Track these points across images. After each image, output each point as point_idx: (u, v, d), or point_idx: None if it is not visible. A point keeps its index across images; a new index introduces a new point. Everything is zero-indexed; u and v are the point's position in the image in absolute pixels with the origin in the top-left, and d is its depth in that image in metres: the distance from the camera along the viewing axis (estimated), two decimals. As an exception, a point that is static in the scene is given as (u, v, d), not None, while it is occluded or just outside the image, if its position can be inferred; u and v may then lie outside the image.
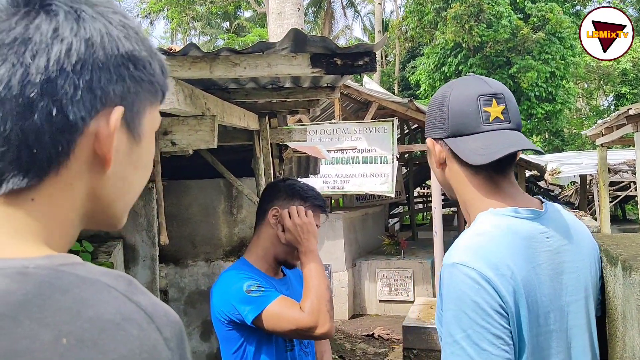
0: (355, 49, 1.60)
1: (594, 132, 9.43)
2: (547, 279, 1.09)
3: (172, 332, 0.53)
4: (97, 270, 0.53)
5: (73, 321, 0.46)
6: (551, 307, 1.09)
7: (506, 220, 1.10)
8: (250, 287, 1.66)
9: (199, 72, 1.59)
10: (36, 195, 0.55)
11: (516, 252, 1.06)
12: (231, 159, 4.32)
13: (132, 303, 0.51)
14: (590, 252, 1.19)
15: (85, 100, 0.55)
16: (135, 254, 3.13)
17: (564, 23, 16.22)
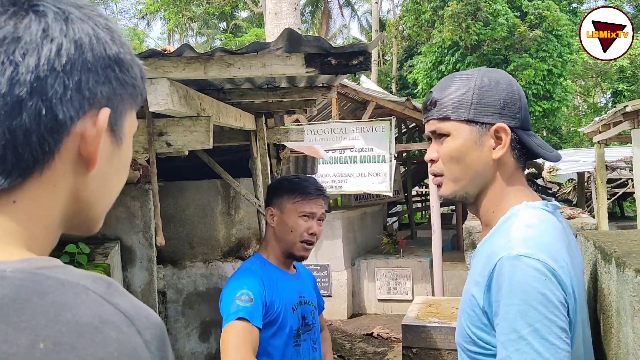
0: (349, 48, 1.60)
1: (591, 129, 9.44)
2: (582, 276, 1.11)
3: (153, 334, 0.52)
4: (77, 273, 0.52)
5: (51, 325, 0.46)
6: (583, 305, 1.08)
7: (544, 214, 1.09)
8: (241, 292, 1.76)
9: (194, 73, 1.59)
10: (18, 197, 0.54)
11: (563, 244, 1.05)
12: (228, 160, 4.33)
13: (110, 305, 0.50)
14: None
15: (74, 100, 0.55)
16: (133, 255, 3.13)
17: (561, 21, 16.23)
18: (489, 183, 1.15)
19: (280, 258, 1.99)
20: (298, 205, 1.94)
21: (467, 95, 1.14)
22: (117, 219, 3.03)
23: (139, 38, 28.65)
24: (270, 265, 1.95)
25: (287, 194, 1.96)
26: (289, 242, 1.95)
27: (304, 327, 1.96)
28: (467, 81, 1.16)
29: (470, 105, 1.13)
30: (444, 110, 1.15)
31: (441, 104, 1.16)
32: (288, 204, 1.95)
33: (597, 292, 1.26)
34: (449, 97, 1.15)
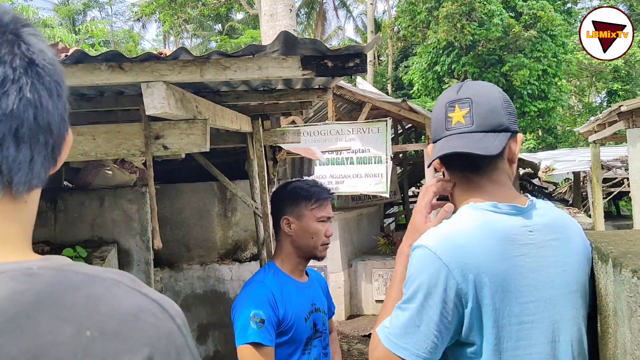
0: (345, 50, 1.60)
1: (586, 129, 9.48)
2: (528, 271, 1.14)
3: (182, 320, 0.56)
4: (100, 269, 0.56)
5: (92, 315, 0.49)
6: (532, 299, 1.14)
7: (484, 214, 1.17)
8: (254, 315, 1.80)
9: (190, 76, 1.59)
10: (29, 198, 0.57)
11: (488, 245, 1.13)
12: (225, 162, 4.32)
13: (143, 295, 0.54)
14: (580, 249, 1.23)
15: None
16: (130, 258, 3.12)
17: (555, 21, 16.28)
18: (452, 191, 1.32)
19: (295, 265, 2.02)
20: (316, 212, 1.97)
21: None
22: (114, 222, 3.02)
23: (134, 40, 28.58)
24: (283, 275, 1.98)
25: (303, 201, 1.98)
26: (310, 247, 1.99)
27: (315, 334, 2.00)
28: None
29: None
30: None
31: None
32: (305, 211, 1.98)
33: (594, 293, 1.26)
34: None
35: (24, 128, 0.53)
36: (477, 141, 1.18)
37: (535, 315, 1.14)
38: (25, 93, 0.53)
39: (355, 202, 10.34)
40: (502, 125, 1.21)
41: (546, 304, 1.15)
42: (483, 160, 1.21)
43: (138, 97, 1.68)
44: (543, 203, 1.26)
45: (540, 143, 20.12)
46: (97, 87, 1.98)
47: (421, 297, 1.11)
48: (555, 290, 1.16)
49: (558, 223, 1.22)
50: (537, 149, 19.68)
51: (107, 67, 1.60)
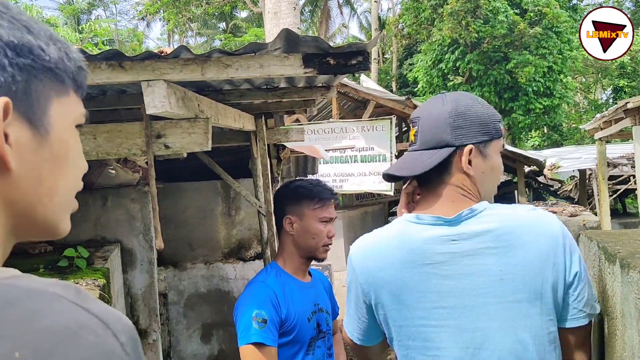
0: (348, 48, 1.59)
1: (592, 126, 9.42)
2: (441, 278, 1.20)
3: (128, 336, 0.52)
4: (43, 281, 0.51)
5: (26, 333, 0.45)
6: (443, 305, 1.20)
7: (403, 225, 1.27)
8: (257, 315, 1.80)
9: (191, 75, 1.57)
10: None
11: (394, 253, 1.24)
12: (228, 160, 4.31)
13: (84, 310, 0.50)
14: (535, 256, 1.18)
15: None
16: (133, 258, 3.11)
17: (561, 17, 16.19)
18: None
19: (298, 265, 2.01)
20: (318, 212, 1.97)
21: None
22: (116, 222, 3.01)
23: (138, 39, 28.64)
24: (285, 275, 1.97)
25: (305, 201, 1.97)
26: (311, 247, 1.98)
27: (318, 335, 1.99)
28: None
29: None
30: None
31: None
32: (308, 211, 1.97)
33: (602, 294, 1.24)
34: None
35: None
36: (412, 161, 1.28)
37: (447, 321, 1.20)
38: None
39: (359, 201, 10.33)
40: (442, 141, 1.25)
41: (464, 311, 1.19)
42: (426, 176, 1.27)
43: (139, 96, 1.66)
44: (497, 210, 1.24)
45: (545, 140, 20.03)
46: (99, 86, 1.97)
47: (348, 292, 1.38)
48: (481, 299, 1.18)
49: (503, 231, 1.19)
50: (543, 146, 19.60)
51: (108, 65, 1.58)
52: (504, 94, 17.12)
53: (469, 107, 1.26)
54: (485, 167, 1.27)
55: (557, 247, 1.19)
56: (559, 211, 5.53)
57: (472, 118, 1.25)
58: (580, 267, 1.19)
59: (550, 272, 1.18)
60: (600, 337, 1.22)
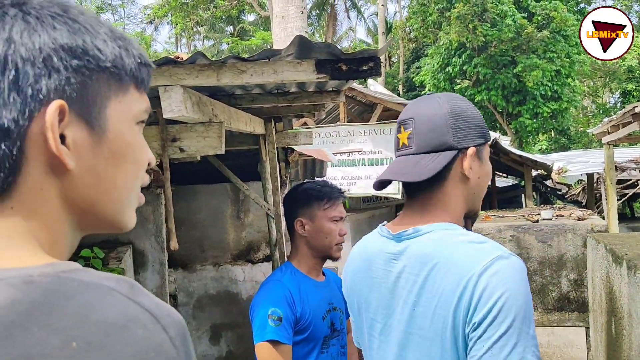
0: (359, 54, 1.62)
1: (600, 130, 9.39)
2: (377, 295, 1.21)
3: (177, 331, 0.53)
4: (99, 275, 0.54)
5: (80, 325, 0.48)
6: (377, 319, 1.22)
7: (370, 235, 1.31)
8: (272, 312, 1.84)
9: (207, 80, 1.62)
10: (14, 203, 0.55)
11: (356, 262, 1.31)
12: (238, 164, 4.35)
13: (135, 304, 0.52)
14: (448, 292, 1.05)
15: (15, 102, 0.53)
16: (145, 259, 3.16)
17: (569, 21, 16.17)
18: None
19: (312, 265, 2.04)
20: (328, 212, 2.00)
21: None
22: (129, 224, 3.06)
23: (146, 43, 28.81)
24: (300, 274, 2.00)
25: (315, 202, 2.01)
26: (325, 247, 2.02)
27: (333, 334, 2.02)
28: None
29: None
30: None
31: None
32: (318, 212, 2.00)
33: (609, 295, 1.27)
34: None
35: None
36: (412, 165, 1.15)
37: (381, 336, 1.21)
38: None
39: (366, 204, 10.34)
40: (445, 144, 1.15)
41: (391, 331, 1.17)
42: (415, 185, 1.17)
43: (155, 100, 1.70)
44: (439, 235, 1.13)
45: (553, 144, 19.98)
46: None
47: None
48: (402, 325, 1.13)
49: (430, 260, 1.10)
50: (550, 150, 19.54)
51: (126, 71, 1.62)
52: (511, 98, 17.10)
53: (464, 108, 1.18)
54: (481, 172, 1.20)
55: (465, 289, 1.02)
56: (567, 215, 5.52)
57: (469, 119, 1.18)
58: (492, 321, 0.99)
59: (451, 317, 1.04)
60: (608, 337, 1.25)
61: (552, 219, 5.20)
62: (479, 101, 17.46)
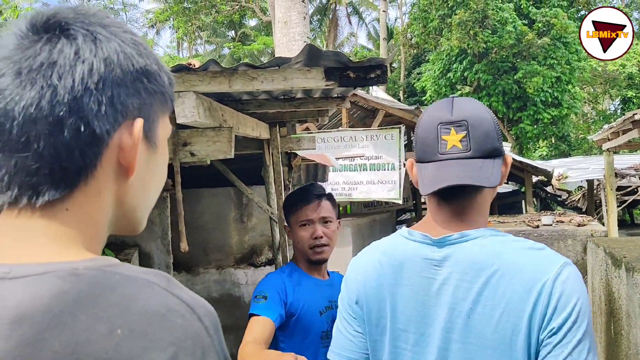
0: (367, 62, 1.67)
1: (600, 136, 9.45)
2: (415, 303, 1.13)
3: (211, 321, 0.59)
4: (137, 269, 0.59)
5: (124, 315, 0.53)
6: (412, 330, 1.13)
7: (394, 240, 1.22)
8: (258, 294, 1.88)
9: (219, 87, 1.67)
10: (70, 205, 0.60)
11: (376, 269, 1.20)
12: (241, 168, 4.39)
13: (173, 296, 0.57)
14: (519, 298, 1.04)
15: (108, 114, 0.60)
16: (151, 261, 3.20)
17: (569, 28, 16.25)
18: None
19: (307, 267, 2.07)
20: (297, 217, 2.02)
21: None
22: (136, 226, 3.10)
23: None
24: (300, 272, 2.05)
25: (289, 209, 2.06)
26: (303, 252, 2.04)
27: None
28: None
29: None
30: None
31: None
32: (291, 218, 2.05)
33: (608, 297, 1.31)
34: None
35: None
36: (478, 170, 1.10)
37: (416, 347, 1.13)
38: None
39: (368, 209, 10.38)
40: (496, 149, 1.14)
41: (424, 340, 1.12)
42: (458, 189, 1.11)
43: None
44: (490, 241, 1.10)
45: (553, 150, 20.03)
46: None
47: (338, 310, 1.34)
48: (449, 334, 1.08)
49: (486, 266, 1.07)
50: (551, 156, 19.59)
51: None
52: (512, 104, 17.17)
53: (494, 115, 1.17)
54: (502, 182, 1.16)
55: (540, 296, 1.02)
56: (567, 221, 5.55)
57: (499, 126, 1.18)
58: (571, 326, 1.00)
59: (525, 323, 1.03)
60: (607, 337, 1.29)
61: (552, 225, 5.25)
62: (479, 107, 17.51)
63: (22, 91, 0.57)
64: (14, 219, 0.59)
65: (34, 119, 0.56)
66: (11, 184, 0.58)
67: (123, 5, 34.70)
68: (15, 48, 0.59)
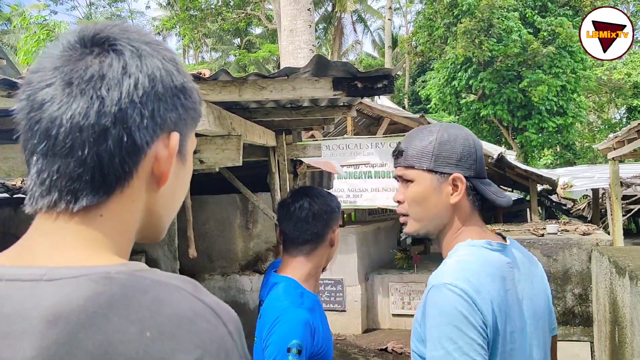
0: (374, 72, 1.70)
1: (605, 145, 9.43)
2: (515, 303, 1.25)
3: (235, 326, 0.61)
4: (166, 275, 0.62)
5: (153, 317, 0.55)
6: (515, 328, 1.23)
7: (481, 251, 1.28)
8: (292, 346, 1.55)
9: (229, 96, 1.69)
10: (104, 211, 0.63)
11: (491, 278, 1.22)
12: (247, 175, 4.42)
13: (200, 302, 0.60)
14: (541, 281, 1.40)
15: (149, 127, 0.63)
16: (157, 267, 3.22)
17: (574, 37, 16.23)
18: (447, 223, 1.34)
19: (315, 282, 1.83)
20: (336, 224, 1.85)
21: (429, 147, 1.32)
22: (143, 232, 3.13)
23: (154, 54, 28.96)
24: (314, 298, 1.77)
25: (336, 212, 1.88)
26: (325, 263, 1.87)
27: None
28: (429, 135, 1.34)
29: (431, 157, 1.32)
30: (409, 160, 1.35)
31: (407, 154, 1.36)
32: (335, 226, 1.87)
33: (613, 305, 1.33)
34: (413, 149, 1.35)
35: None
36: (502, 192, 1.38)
37: (517, 343, 1.23)
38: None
39: (372, 216, 10.38)
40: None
41: (523, 332, 1.26)
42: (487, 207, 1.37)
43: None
44: (515, 241, 1.41)
45: (558, 159, 20.00)
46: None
47: (458, 330, 1.18)
48: (528, 320, 1.29)
49: (526, 260, 1.37)
50: (555, 165, 19.56)
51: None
52: (517, 112, 17.17)
53: None
54: None
55: (545, 276, 1.44)
56: (572, 230, 5.53)
57: None
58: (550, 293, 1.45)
59: (547, 297, 1.42)
60: (612, 345, 1.31)
61: (557, 234, 5.24)
62: (484, 115, 17.55)
63: (72, 100, 0.60)
64: (52, 222, 0.62)
65: (80, 127, 0.60)
66: (52, 188, 0.61)
67: (130, 12, 34.95)
68: (65, 59, 0.62)
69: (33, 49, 11.53)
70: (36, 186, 0.62)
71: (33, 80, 0.62)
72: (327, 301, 8.43)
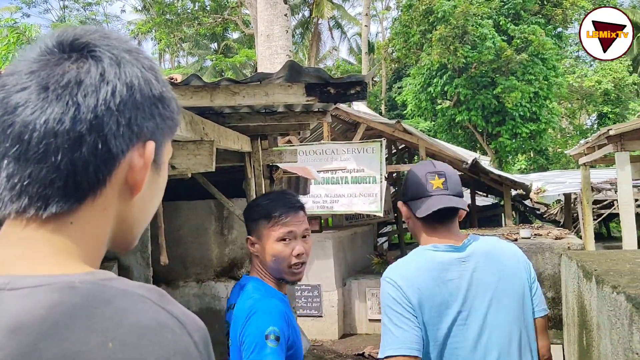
0: (347, 79, 1.70)
1: (576, 151, 9.63)
2: (458, 290, 1.63)
3: (200, 336, 0.60)
4: (132, 284, 0.61)
5: (116, 328, 0.54)
6: (464, 308, 1.62)
7: (425, 253, 1.70)
8: (270, 333, 1.53)
9: (200, 101, 1.68)
10: (74, 218, 0.62)
11: (425, 273, 1.64)
12: (222, 180, 4.40)
13: (165, 311, 0.58)
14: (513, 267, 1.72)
15: (125, 135, 0.62)
16: (130, 274, 3.18)
17: (547, 45, 16.60)
18: (417, 237, 1.83)
19: (277, 284, 1.78)
20: (274, 230, 1.72)
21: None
22: (115, 239, 3.08)
23: (130, 58, 28.65)
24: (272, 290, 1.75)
25: (261, 219, 1.75)
26: (275, 270, 1.74)
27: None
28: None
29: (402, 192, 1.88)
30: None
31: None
32: (264, 230, 1.74)
33: (581, 309, 1.35)
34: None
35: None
36: (456, 201, 1.71)
37: (468, 320, 1.62)
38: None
39: (349, 221, 10.40)
40: (461, 193, 1.77)
41: (478, 312, 1.62)
42: (448, 214, 1.71)
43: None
44: (485, 239, 1.77)
45: (531, 164, 20.34)
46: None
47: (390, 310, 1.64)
48: (488, 302, 1.64)
49: (490, 254, 1.71)
50: (529, 170, 19.89)
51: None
52: (491, 118, 17.43)
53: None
54: None
55: (521, 263, 1.74)
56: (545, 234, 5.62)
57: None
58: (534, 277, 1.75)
59: (526, 279, 1.72)
60: (580, 348, 1.33)
61: (530, 238, 5.33)
62: (459, 121, 17.76)
63: (47, 105, 0.59)
64: (20, 229, 0.61)
65: (54, 132, 0.58)
66: (22, 193, 0.60)
67: (105, 16, 34.55)
68: (42, 63, 0.61)
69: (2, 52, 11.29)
70: (6, 191, 0.60)
71: (7, 83, 0.61)
72: (304, 307, 8.41)
